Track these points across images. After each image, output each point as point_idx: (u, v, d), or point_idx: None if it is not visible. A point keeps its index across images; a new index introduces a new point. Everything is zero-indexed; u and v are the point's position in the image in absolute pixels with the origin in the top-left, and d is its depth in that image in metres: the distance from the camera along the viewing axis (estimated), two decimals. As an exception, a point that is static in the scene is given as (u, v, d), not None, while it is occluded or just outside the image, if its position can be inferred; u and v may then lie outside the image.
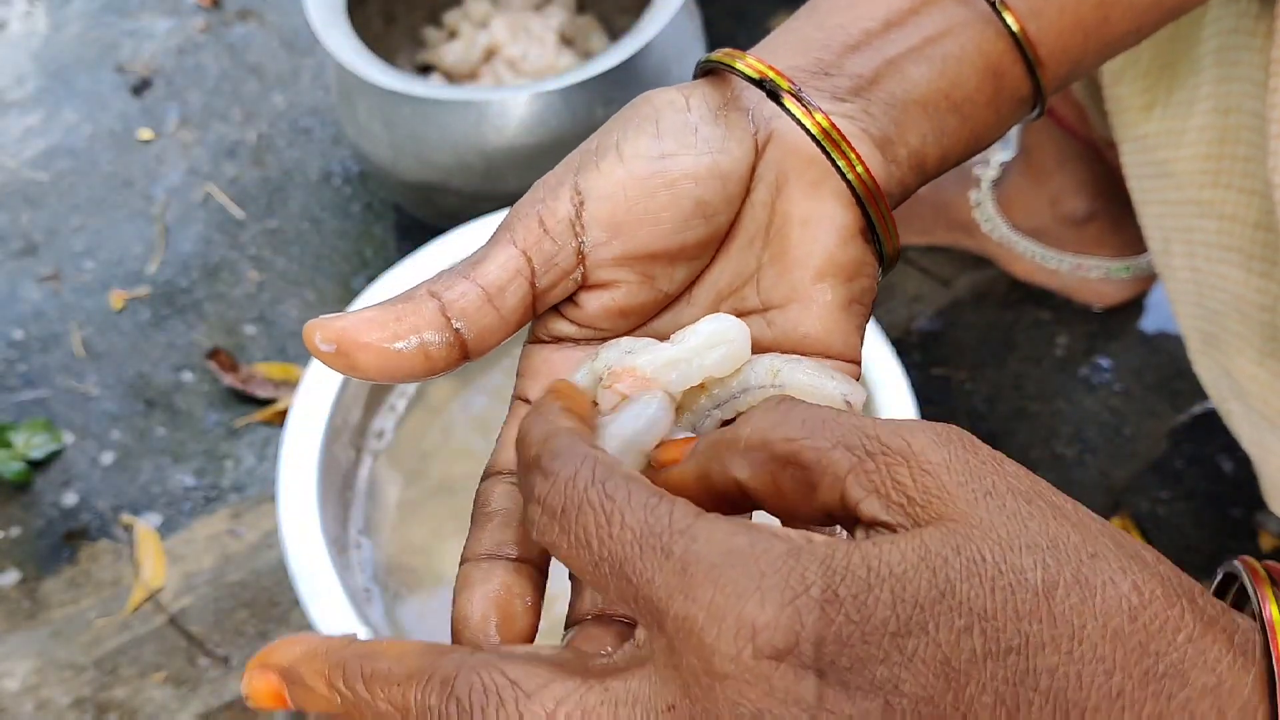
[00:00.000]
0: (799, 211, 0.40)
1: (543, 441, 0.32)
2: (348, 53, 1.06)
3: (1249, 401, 0.68)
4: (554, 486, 0.31)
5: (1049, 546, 0.28)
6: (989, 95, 0.43)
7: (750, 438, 0.32)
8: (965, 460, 0.30)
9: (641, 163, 0.38)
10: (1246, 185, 0.64)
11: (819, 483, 0.30)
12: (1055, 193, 1.10)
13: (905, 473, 0.30)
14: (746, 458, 0.32)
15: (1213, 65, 0.65)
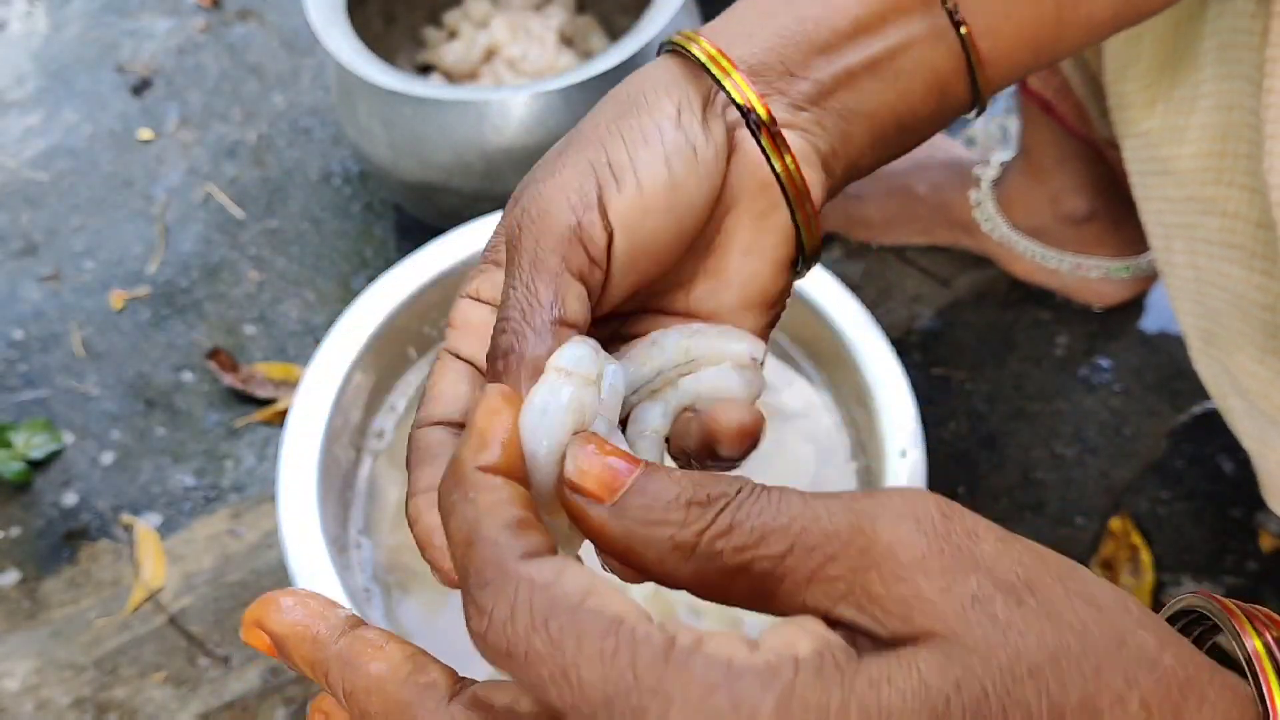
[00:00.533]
0: (743, 238, 0.42)
1: (466, 550, 0.29)
2: (348, 53, 1.06)
3: (1249, 399, 0.68)
4: (492, 628, 0.28)
5: (1050, 665, 0.26)
6: (931, 109, 0.45)
7: (699, 548, 0.29)
8: (941, 553, 0.27)
9: (657, 195, 0.39)
10: (1248, 183, 0.64)
11: (775, 591, 0.28)
12: (1055, 192, 1.10)
13: (877, 581, 0.27)
14: (689, 565, 0.29)
15: (1214, 62, 0.65)
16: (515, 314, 0.37)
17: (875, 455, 0.89)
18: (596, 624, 0.26)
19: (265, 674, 0.97)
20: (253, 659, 0.97)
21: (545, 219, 0.38)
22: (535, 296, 0.37)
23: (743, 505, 0.29)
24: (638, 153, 0.39)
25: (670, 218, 0.40)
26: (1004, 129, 1.32)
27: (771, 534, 0.28)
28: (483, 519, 0.29)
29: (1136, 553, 0.99)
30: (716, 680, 0.25)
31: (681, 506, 0.29)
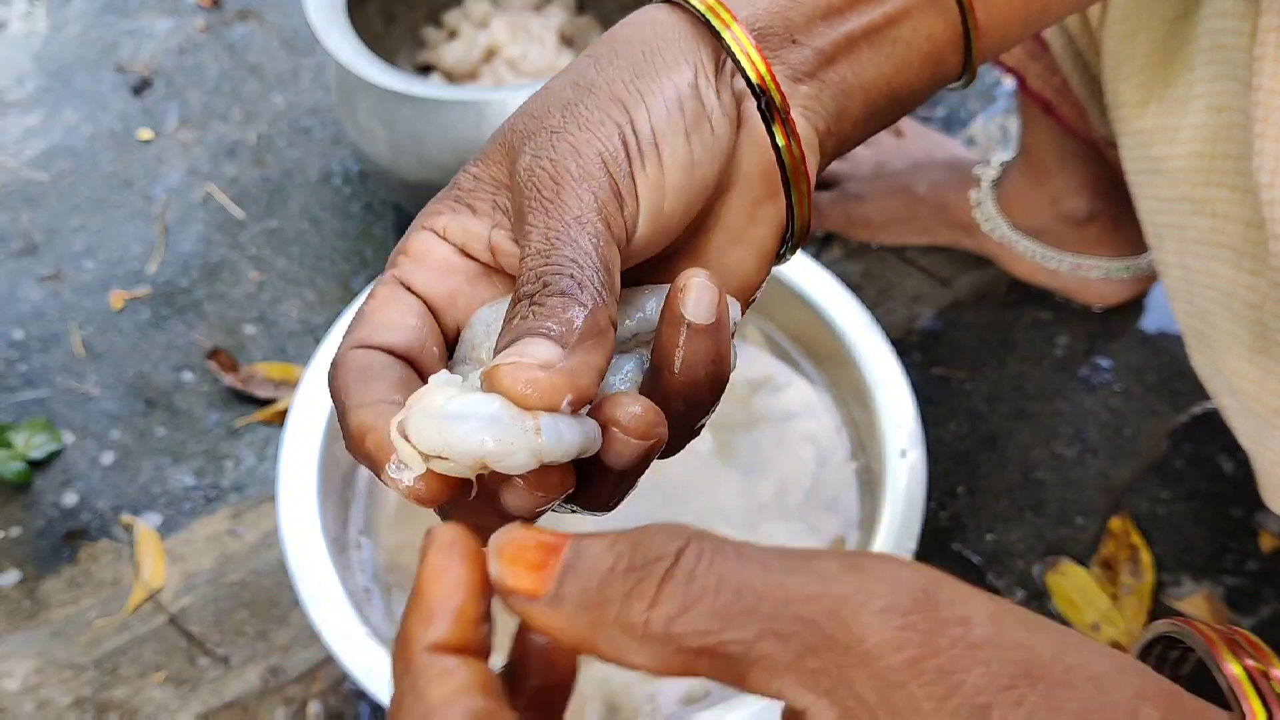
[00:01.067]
0: (733, 225, 0.41)
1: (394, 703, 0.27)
2: (348, 53, 1.06)
3: (1241, 398, 0.68)
4: None
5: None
6: (924, 81, 0.44)
7: (652, 629, 0.26)
8: (935, 652, 0.25)
9: (677, 177, 0.38)
10: (1238, 183, 0.64)
11: (746, 675, 0.26)
12: (1056, 192, 1.10)
13: (865, 682, 0.25)
14: (648, 649, 0.27)
15: (1206, 63, 0.66)
16: (566, 268, 0.34)
17: (875, 455, 0.89)
18: None
19: (265, 674, 0.97)
20: (253, 659, 0.97)
21: (587, 181, 0.36)
22: (591, 257, 0.35)
23: (694, 578, 0.26)
24: (660, 125, 0.38)
25: (684, 200, 0.39)
26: (1004, 129, 1.32)
27: (736, 617, 0.26)
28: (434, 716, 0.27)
29: (1136, 553, 0.99)
30: None
31: (619, 576, 0.27)
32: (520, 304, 0.34)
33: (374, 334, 0.37)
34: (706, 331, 0.35)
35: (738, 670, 0.26)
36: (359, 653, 0.78)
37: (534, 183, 0.36)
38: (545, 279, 0.34)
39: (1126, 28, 0.73)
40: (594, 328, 0.33)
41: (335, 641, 0.79)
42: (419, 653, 0.28)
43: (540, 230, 0.35)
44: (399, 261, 0.39)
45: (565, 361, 0.32)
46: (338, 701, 0.95)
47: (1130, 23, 0.72)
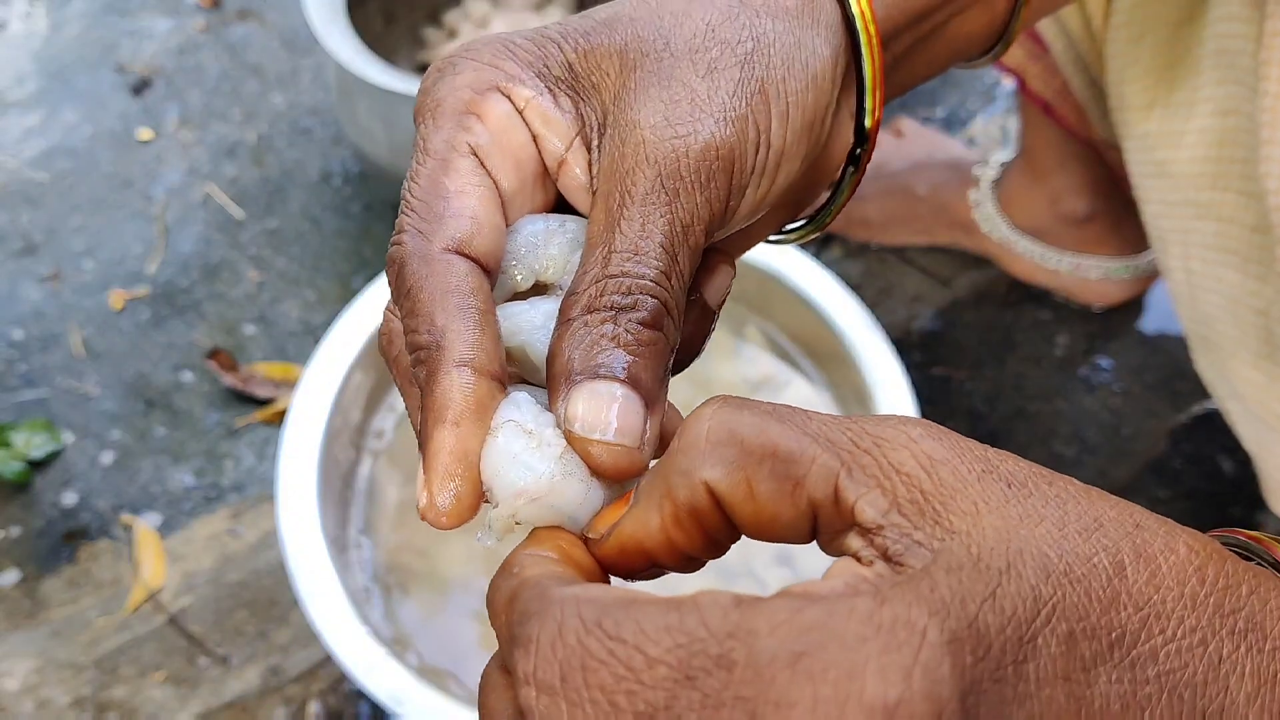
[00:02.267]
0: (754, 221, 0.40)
1: (508, 605, 0.27)
2: (348, 52, 1.06)
3: (1246, 403, 0.68)
4: (540, 656, 0.24)
5: (1096, 527, 0.26)
6: (941, 69, 0.44)
7: (714, 433, 0.27)
8: (963, 449, 0.28)
9: (780, 193, 0.37)
10: (1244, 188, 0.64)
11: (804, 476, 0.27)
12: (1055, 192, 1.10)
13: (912, 463, 0.27)
14: (712, 456, 0.27)
15: (1212, 67, 0.65)
16: (661, 291, 0.33)
17: (875, 455, 0.89)
18: (653, 604, 0.24)
19: (265, 674, 0.97)
20: (252, 659, 0.97)
21: (708, 188, 0.34)
22: (684, 278, 0.33)
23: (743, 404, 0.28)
24: (791, 142, 0.36)
25: (796, 165, 0.37)
26: (1004, 129, 1.32)
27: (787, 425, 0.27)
28: (528, 572, 0.28)
29: (1136, 553, 0.99)
30: (788, 605, 0.23)
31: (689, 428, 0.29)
32: (604, 313, 0.32)
33: (471, 235, 0.33)
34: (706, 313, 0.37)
35: (796, 474, 0.27)
36: (358, 652, 0.78)
37: (658, 162, 0.33)
38: (639, 298, 0.32)
39: (1132, 31, 0.73)
40: (666, 370, 0.33)
41: (334, 641, 0.79)
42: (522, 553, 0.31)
43: (643, 224, 0.33)
44: (472, 126, 0.35)
45: (648, 434, 0.32)
46: (337, 701, 0.95)
47: (1136, 26, 0.72)
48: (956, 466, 0.27)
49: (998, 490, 0.27)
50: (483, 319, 0.32)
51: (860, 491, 0.26)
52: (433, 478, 0.31)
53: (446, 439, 0.31)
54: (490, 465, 0.32)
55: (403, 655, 0.84)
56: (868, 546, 0.26)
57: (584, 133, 0.35)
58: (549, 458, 0.31)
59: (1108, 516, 0.27)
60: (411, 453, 0.97)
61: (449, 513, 0.31)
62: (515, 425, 0.32)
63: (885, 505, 0.26)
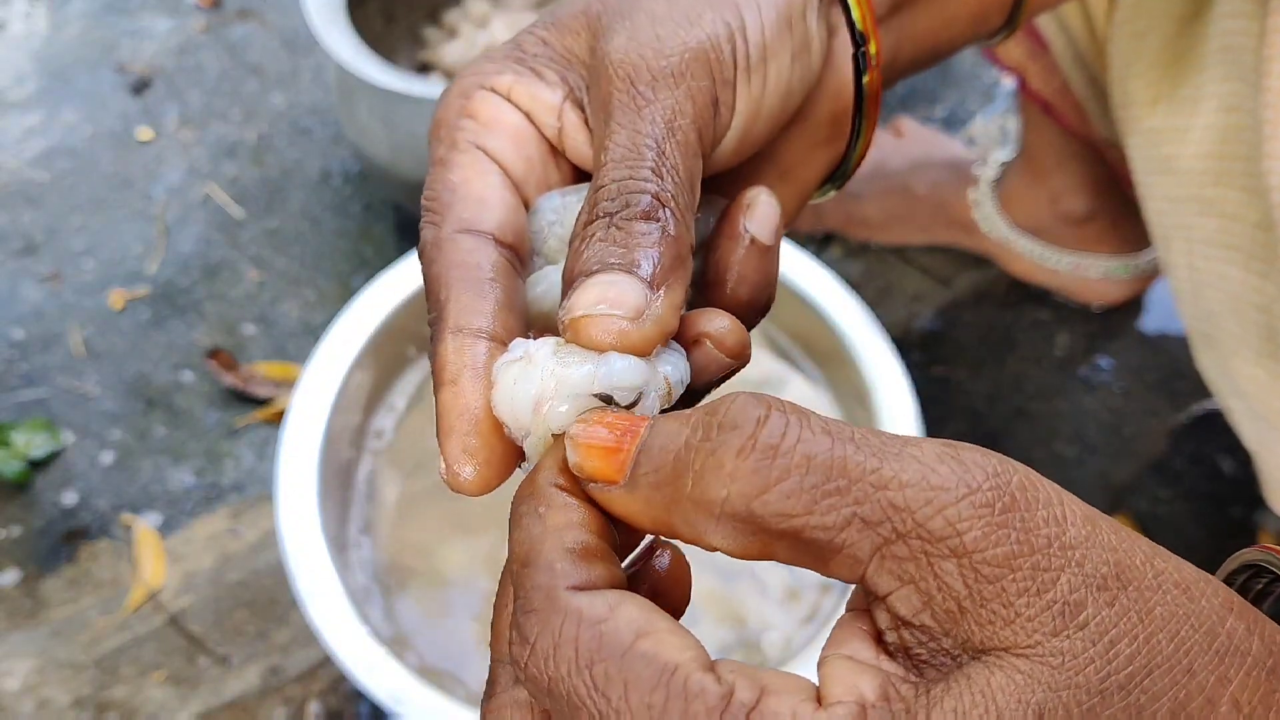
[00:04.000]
0: (786, 160, 0.40)
1: (520, 569, 0.27)
2: (348, 52, 1.06)
3: (1248, 401, 0.68)
4: (533, 658, 0.25)
5: (1143, 674, 0.24)
6: (965, 37, 0.44)
7: (731, 506, 0.25)
8: (1031, 550, 0.24)
9: (776, 98, 0.37)
10: (1248, 184, 0.64)
11: (829, 561, 0.25)
12: (1055, 191, 1.10)
13: (955, 574, 0.24)
14: (727, 529, 0.26)
15: (1216, 63, 0.65)
16: (651, 186, 0.32)
17: (875, 455, 0.89)
18: (646, 671, 0.24)
19: (265, 674, 0.97)
20: (253, 659, 0.97)
21: (688, 81, 0.33)
22: (678, 174, 0.32)
23: (777, 453, 0.25)
24: (773, 39, 0.35)
25: (771, 124, 0.37)
26: (1004, 129, 1.32)
27: (823, 500, 0.25)
28: (546, 538, 0.27)
29: (1136, 552, 0.99)
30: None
31: (693, 450, 0.26)
32: (598, 221, 0.31)
33: (479, 215, 0.34)
34: (764, 251, 0.34)
35: (820, 556, 0.25)
36: (358, 652, 0.78)
37: (627, 72, 0.33)
38: (628, 196, 0.31)
39: (1137, 27, 0.73)
40: (677, 259, 0.31)
41: (334, 641, 0.79)
42: (546, 485, 0.28)
43: (627, 133, 0.32)
44: (464, 125, 0.36)
45: (653, 307, 0.30)
46: (337, 701, 0.95)
47: (1140, 22, 0.72)
48: (1005, 586, 0.24)
49: (1045, 622, 0.24)
50: (485, 286, 0.33)
51: (893, 586, 0.25)
52: (444, 440, 0.31)
53: (446, 399, 0.31)
54: (502, 407, 0.31)
55: (403, 655, 0.84)
56: (894, 631, 0.25)
57: (572, 95, 0.36)
58: (544, 357, 0.31)
59: (1163, 654, 0.24)
60: (411, 453, 0.97)
61: (471, 478, 0.31)
62: (507, 364, 0.31)
63: (919, 606, 0.25)
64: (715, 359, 0.32)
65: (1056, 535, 0.25)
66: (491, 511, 0.93)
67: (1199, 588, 0.25)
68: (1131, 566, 0.25)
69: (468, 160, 0.35)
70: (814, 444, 0.25)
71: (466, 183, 0.35)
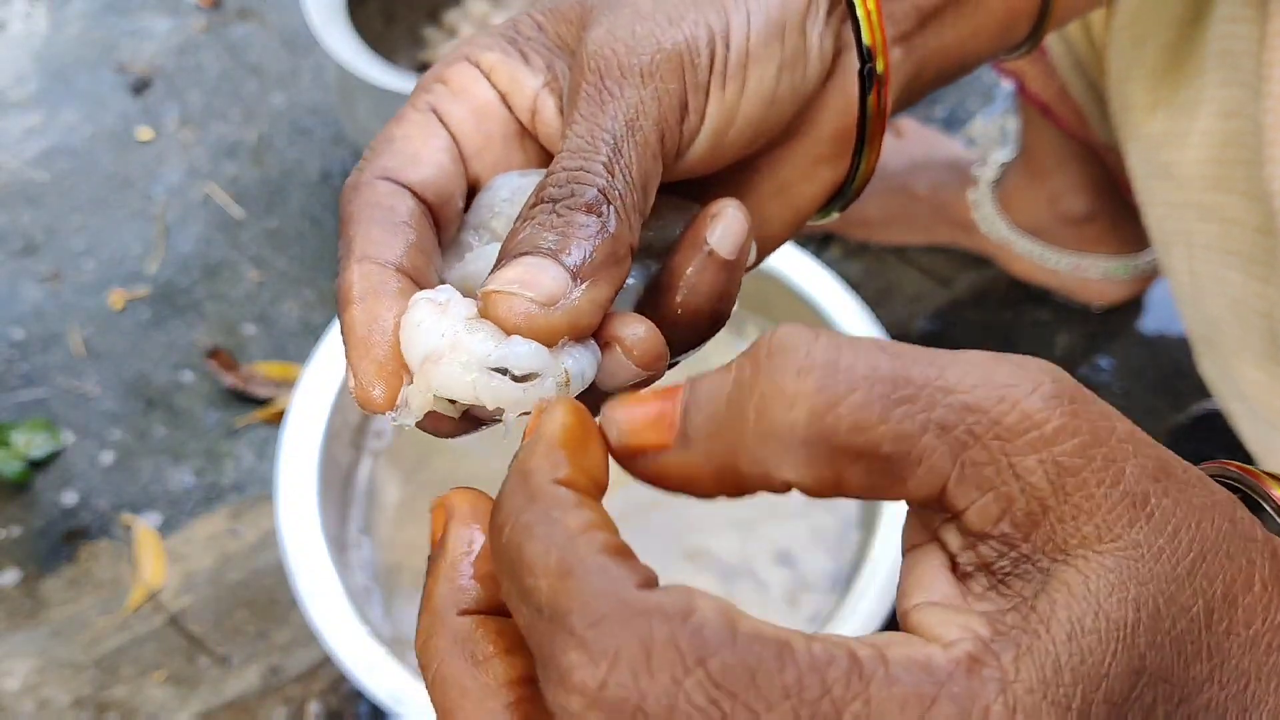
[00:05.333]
0: (785, 178, 0.39)
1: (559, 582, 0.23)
2: (347, 52, 1.06)
3: (1251, 405, 0.68)
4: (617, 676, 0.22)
5: (1199, 560, 0.24)
6: (991, 49, 0.44)
7: (807, 428, 0.24)
8: (1098, 438, 0.24)
9: (755, 106, 0.36)
10: (1248, 189, 0.64)
11: (908, 477, 0.24)
12: (1054, 192, 1.10)
13: (1037, 469, 0.24)
14: (800, 455, 0.24)
15: (1215, 68, 0.65)
16: (600, 180, 0.31)
17: (875, 455, 0.89)
18: (765, 655, 0.22)
19: (265, 674, 0.97)
20: (253, 658, 0.97)
21: (656, 80, 0.33)
22: (630, 174, 0.32)
23: (839, 368, 0.24)
24: (756, 47, 0.35)
25: (750, 133, 0.36)
26: (1004, 129, 1.32)
27: (895, 408, 0.23)
28: (578, 543, 0.24)
29: (1136, 553, 0.99)
30: (928, 688, 0.22)
31: (746, 386, 0.24)
32: (542, 205, 0.31)
33: (404, 167, 0.34)
34: (723, 265, 0.34)
35: (898, 474, 0.24)
36: (358, 652, 0.78)
37: (598, 65, 0.33)
38: (575, 186, 0.31)
39: (1135, 32, 0.73)
40: (610, 256, 0.31)
41: (334, 641, 0.79)
42: (547, 485, 0.25)
43: (586, 124, 0.32)
44: (433, 88, 0.36)
45: (570, 298, 0.30)
46: (337, 701, 0.95)
47: (1139, 27, 0.72)
48: (1086, 478, 0.24)
49: (1122, 513, 0.24)
50: (397, 227, 0.33)
51: (973, 497, 0.24)
52: (354, 357, 0.31)
53: (354, 315, 0.31)
54: (403, 340, 0.31)
55: (403, 655, 0.84)
56: (968, 550, 0.25)
57: (553, 84, 0.36)
58: (455, 317, 0.30)
59: (1211, 541, 0.24)
60: (411, 453, 0.97)
61: (381, 397, 0.30)
62: (426, 300, 0.31)
63: (998, 514, 0.24)
64: (623, 365, 0.32)
65: (1114, 428, 0.24)
66: (491, 511, 0.93)
67: (1210, 483, 0.26)
68: (1168, 461, 0.25)
69: (418, 120, 0.36)
70: (874, 357, 0.24)
71: (406, 138, 0.35)
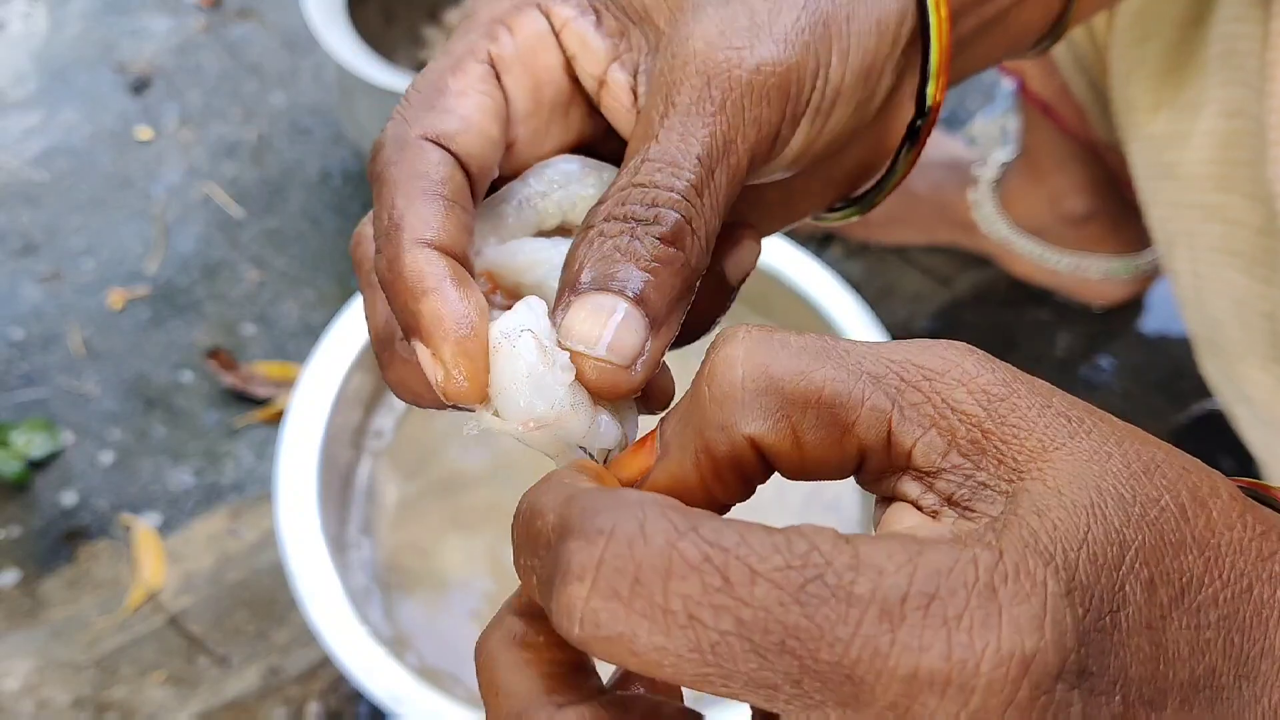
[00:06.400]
0: (801, 191, 0.39)
1: (564, 504, 0.23)
2: (347, 52, 1.06)
3: (1254, 407, 0.68)
4: (612, 551, 0.21)
5: (1155, 468, 0.25)
6: (997, 59, 0.43)
7: (751, 379, 0.25)
8: (1018, 382, 0.26)
9: (826, 144, 0.36)
10: (1251, 190, 0.64)
11: (853, 422, 0.25)
12: (1055, 192, 1.10)
13: (969, 401, 0.25)
14: (753, 407, 0.25)
15: (1218, 68, 0.65)
16: (686, 206, 0.30)
17: (875, 455, 0.89)
18: (754, 526, 0.22)
19: (265, 674, 0.97)
20: (252, 659, 0.97)
21: (759, 108, 0.32)
22: (717, 200, 0.31)
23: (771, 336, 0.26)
24: (850, 84, 0.34)
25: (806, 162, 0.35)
26: (1004, 129, 1.31)
27: (831, 361, 0.25)
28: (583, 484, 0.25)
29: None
30: (920, 552, 0.22)
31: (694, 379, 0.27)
32: (619, 223, 0.30)
33: (456, 132, 0.32)
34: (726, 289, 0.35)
35: (843, 419, 0.25)
36: (358, 653, 0.78)
37: (706, 69, 0.32)
38: (660, 211, 0.30)
39: (1137, 33, 0.72)
40: (686, 291, 0.31)
41: (334, 641, 0.79)
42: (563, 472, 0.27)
43: (681, 135, 0.31)
44: (499, 36, 0.34)
45: (646, 354, 0.30)
46: (337, 701, 0.95)
47: (1142, 27, 0.72)
48: (1016, 402, 0.25)
49: (1060, 426, 0.25)
50: (448, 207, 0.31)
51: (916, 434, 0.25)
52: (438, 344, 0.30)
53: (434, 306, 0.30)
54: (500, 375, 0.30)
55: (402, 655, 0.84)
56: (927, 492, 0.25)
57: (627, 56, 0.34)
58: (561, 383, 0.30)
59: (1159, 457, 0.26)
60: (412, 453, 0.97)
61: (464, 387, 0.30)
62: (532, 337, 0.30)
63: (943, 446, 0.25)
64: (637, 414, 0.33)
65: (1035, 382, 0.26)
66: (491, 511, 0.93)
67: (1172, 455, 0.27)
68: (1112, 418, 0.27)
69: (476, 73, 0.33)
70: (803, 335, 0.26)
71: (461, 95, 0.33)
